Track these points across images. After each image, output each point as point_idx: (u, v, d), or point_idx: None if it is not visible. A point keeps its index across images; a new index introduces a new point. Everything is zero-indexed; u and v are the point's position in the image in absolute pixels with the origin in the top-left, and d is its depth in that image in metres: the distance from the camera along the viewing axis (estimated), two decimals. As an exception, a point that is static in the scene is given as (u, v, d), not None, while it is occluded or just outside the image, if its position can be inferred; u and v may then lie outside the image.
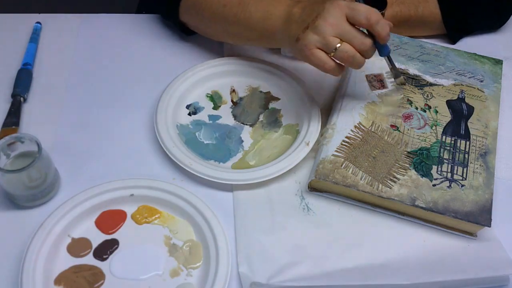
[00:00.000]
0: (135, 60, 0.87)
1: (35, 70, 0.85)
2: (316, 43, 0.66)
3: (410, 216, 0.69)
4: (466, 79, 0.82)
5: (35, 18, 0.92)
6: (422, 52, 0.86)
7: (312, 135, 0.75)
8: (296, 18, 0.69)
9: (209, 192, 0.72)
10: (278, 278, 0.63)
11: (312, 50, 0.67)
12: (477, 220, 0.66)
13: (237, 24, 0.77)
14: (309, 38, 0.66)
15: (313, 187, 0.72)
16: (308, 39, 0.67)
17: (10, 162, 0.67)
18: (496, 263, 0.66)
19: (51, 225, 0.65)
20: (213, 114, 0.80)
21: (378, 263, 0.66)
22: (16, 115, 0.77)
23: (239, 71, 0.84)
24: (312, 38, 0.66)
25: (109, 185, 0.69)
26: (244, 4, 0.76)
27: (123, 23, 0.93)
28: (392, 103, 0.78)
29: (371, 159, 0.71)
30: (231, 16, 0.77)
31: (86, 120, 0.79)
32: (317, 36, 0.66)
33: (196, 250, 0.66)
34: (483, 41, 0.94)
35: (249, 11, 0.75)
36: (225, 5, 0.77)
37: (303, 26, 0.67)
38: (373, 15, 0.66)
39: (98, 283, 0.63)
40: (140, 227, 0.68)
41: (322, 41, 0.66)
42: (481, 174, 0.71)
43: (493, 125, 0.76)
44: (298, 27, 0.68)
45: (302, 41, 0.67)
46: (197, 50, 0.89)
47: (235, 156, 0.75)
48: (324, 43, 0.66)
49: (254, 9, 0.75)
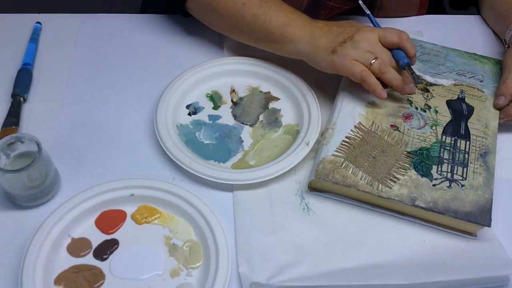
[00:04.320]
0: (135, 60, 0.87)
1: (35, 70, 0.85)
2: (355, 55, 0.73)
3: (410, 216, 0.69)
4: (466, 79, 0.82)
5: (35, 18, 0.92)
6: (422, 52, 0.86)
7: (312, 135, 0.75)
8: (324, 32, 0.76)
9: (209, 192, 0.72)
10: (278, 278, 0.63)
11: (352, 60, 0.73)
12: (477, 220, 0.66)
13: (253, 24, 0.79)
14: (348, 50, 0.73)
15: (313, 187, 0.72)
16: (347, 51, 0.73)
17: (10, 162, 0.67)
18: (496, 263, 0.66)
19: (51, 225, 0.65)
20: (213, 114, 0.80)
21: (378, 263, 0.66)
22: (16, 115, 0.77)
23: (239, 71, 0.84)
24: (351, 51, 0.73)
25: (109, 185, 0.69)
26: (265, 7, 0.78)
27: (123, 23, 0.93)
28: (392, 103, 0.78)
29: (371, 159, 0.71)
30: (249, 15, 0.78)
31: (86, 120, 0.79)
32: (356, 50, 0.73)
33: (196, 250, 0.66)
34: (483, 41, 0.95)
35: (270, 14, 0.78)
36: (244, 3, 0.79)
37: (337, 40, 0.74)
38: (403, 34, 0.75)
39: (98, 283, 0.63)
40: (140, 227, 0.68)
41: (360, 54, 0.73)
42: (481, 174, 0.71)
43: (493, 125, 0.76)
44: (330, 41, 0.75)
45: (341, 52, 0.73)
46: (197, 50, 0.89)
47: (235, 156, 0.75)
48: (362, 55, 0.73)
49: (275, 14, 0.78)
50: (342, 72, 0.75)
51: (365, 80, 0.73)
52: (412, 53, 0.76)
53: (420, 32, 0.93)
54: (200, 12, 0.86)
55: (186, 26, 0.92)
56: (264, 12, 0.78)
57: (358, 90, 0.78)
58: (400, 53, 0.75)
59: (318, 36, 0.76)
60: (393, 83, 0.74)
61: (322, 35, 0.76)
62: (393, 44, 0.75)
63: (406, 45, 0.75)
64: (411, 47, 0.76)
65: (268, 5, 0.78)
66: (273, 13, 0.78)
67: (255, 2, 0.78)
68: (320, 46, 0.75)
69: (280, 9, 0.78)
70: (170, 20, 0.94)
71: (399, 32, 0.75)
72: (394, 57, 0.76)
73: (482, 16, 0.99)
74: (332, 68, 0.75)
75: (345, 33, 0.75)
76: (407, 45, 0.75)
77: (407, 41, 0.75)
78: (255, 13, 0.78)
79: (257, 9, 0.78)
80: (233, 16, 0.80)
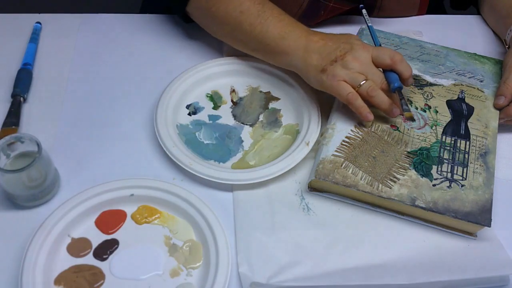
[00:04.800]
0: (135, 60, 0.87)
1: (35, 70, 0.85)
2: (344, 76, 0.72)
3: (410, 216, 0.69)
4: (466, 79, 0.82)
5: (35, 18, 0.92)
6: (422, 52, 0.86)
7: (312, 135, 0.75)
8: (318, 47, 0.74)
9: (209, 192, 0.72)
10: (278, 278, 0.63)
11: (340, 81, 0.72)
12: (477, 220, 0.66)
13: (249, 34, 0.78)
14: (337, 71, 0.72)
15: (313, 187, 0.72)
16: (336, 71, 0.72)
17: (10, 162, 0.67)
18: (496, 263, 0.66)
19: (51, 225, 0.65)
20: (213, 114, 0.80)
21: (378, 263, 0.66)
22: (16, 115, 0.77)
23: (239, 71, 0.84)
24: (341, 71, 0.72)
25: (109, 185, 0.69)
26: (262, 17, 0.77)
27: (123, 23, 0.93)
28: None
29: (371, 159, 0.71)
30: (246, 24, 0.78)
31: (86, 120, 0.79)
32: (346, 70, 0.72)
33: (196, 250, 0.66)
34: (483, 41, 0.95)
35: (267, 25, 0.77)
36: (242, 12, 0.78)
37: (329, 59, 0.73)
38: (397, 56, 0.73)
39: (98, 283, 0.63)
40: (140, 227, 0.68)
41: (349, 75, 0.72)
42: (481, 174, 0.71)
43: (493, 125, 0.76)
44: (322, 59, 0.73)
45: (330, 72, 0.72)
46: (197, 50, 0.89)
47: (235, 156, 0.75)
48: (351, 76, 0.72)
49: (272, 25, 0.77)
50: (330, 92, 0.74)
51: (351, 103, 0.72)
52: (406, 76, 0.73)
53: (420, 32, 0.93)
54: (200, 17, 0.86)
55: (186, 26, 0.92)
56: (261, 23, 0.77)
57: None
58: (392, 76, 0.73)
59: (311, 51, 0.74)
60: (381, 107, 0.73)
61: (316, 50, 0.74)
62: (386, 66, 0.74)
63: (399, 68, 0.73)
64: (405, 69, 0.73)
65: (265, 15, 0.77)
66: (270, 23, 0.77)
67: (253, 12, 0.78)
68: (311, 63, 0.74)
69: (278, 20, 0.77)
70: (170, 20, 0.94)
71: (393, 53, 0.73)
72: (386, 78, 0.73)
73: (482, 16, 0.99)
74: (321, 86, 0.75)
75: (338, 51, 0.73)
76: (400, 68, 0.73)
77: (401, 63, 0.73)
78: (252, 22, 0.78)
79: (255, 18, 0.78)
80: (231, 24, 0.80)
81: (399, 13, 0.97)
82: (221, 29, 0.83)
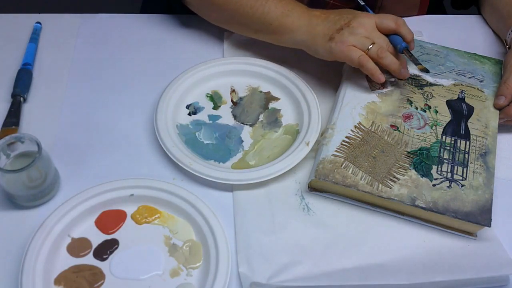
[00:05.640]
0: (135, 60, 0.87)
1: (35, 70, 0.85)
2: (353, 41, 0.74)
3: (410, 216, 0.69)
4: (466, 79, 0.82)
5: (35, 18, 0.92)
6: (422, 52, 0.86)
7: (312, 135, 0.75)
8: (321, 20, 0.77)
9: (209, 192, 0.72)
10: (278, 278, 0.63)
11: (349, 46, 0.74)
12: (477, 220, 0.66)
13: (251, 16, 0.80)
14: (345, 37, 0.74)
15: (313, 187, 0.72)
16: (344, 37, 0.74)
17: (10, 162, 0.67)
18: (496, 263, 0.66)
19: (51, 225, 0.65)
20: (213, 114, 0.80)
21: (378, 263, 0.66)
22: (16, 115, 0.77)
23: (239, 71, 0.84)
24: (349, 36, 0.74)
25: (109, 185, 0.69)
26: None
27: (123, 23, 0.93)
28: (392, 103, 0.78)
29: (371, 159, 0.71)
30: (247, 7, 0.79)
31: (86, 120, 0.79)
32: (353, 36, 0.74)
33: (196, 250, 0.66)
34: (483, 41, 0.95)
35: (268, 6, 0.79)
36: None
37: (335, 28, 0.75)
38: (400, 20, 0.77)
39: (98, 283, 0.63)
40: (140, 227, 0.68)
41: (358, 40, 0.74)
42: (481, 174, 0.71)
43: (493, 125, 0.76)
44: (328, 28, 0.76)
45: (338, 39, 0.74)
46: (197, 50, 0.89)
47: (235, 156, 0.75)
48: (359, 41, 0.74)
49: (273, 5, 0.79)
50: (340, 58, 0.75)
51: (363, 65, 0.74)
52: (409, 38, 0.77)
53: (420, 32, 0.93)
54: (198, 6, 0.86)
55: (186, 26, 0.92)
56: (262, 4, 0.79)
57: (359, 90, 0.78)
58: (397, 38, 0.77)
59: (316, 24, 0.77)
60: (391, 67, 0.75)
61: (320, 23, 0.77)
62: (390, 30, 0.77)
63: (402, 30, 0.76)
64: (408, 33, 0.77)
65: None
66: (271, 4, 0.79)
67: None
68: (318, 34, 0.76)
69: (278, 0, 0.79)
70: (170, 20, 0.94)
71: (396, 18, 0.77)
72: (391, 42, 0.77)
73: (483, 16, 0.99)
74: (330, 55, 0.76)
75: (342, 20, 0.76)
76: (403, 30, 0.76)
77: (404, 27, 0.76)
78: (252, 5, 0.79)
79: (255, 1, 0.79)
80: (231, 8, 0.81)
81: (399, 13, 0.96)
82: (221, 15, 0.84)
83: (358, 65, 0.74)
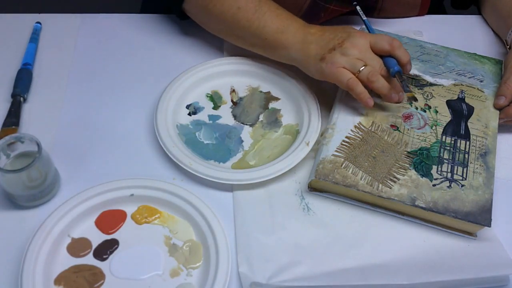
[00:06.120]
0: (135, 60, 0.87)
1: (35, 70, 0.85)
2: (343, 63, 0.72)
3: (410, 216, 0.69)
4: (466, 79, 0.82)
5: (35, 18, 0.92)
6: (422, 52, 0.86)
7: (312, 135, 0.75)
8: (315, 38, 0.75)
9: (209, 192, 0.72)
10: (278, 278, 0.63)
11: (339, 68, 0.72)
12: (477, 220, 0.66)
13: (247, 29, 0.79)
14: (337, 58, 0.72)
15: (313, 187, 0.72)
16: (335, 58, 0.72)
17: (10, 162, 0.67)
18: (496, 263, 0.66)
19: (51, 225, 0.65)
20: (213, 114, 0.80)
21: (378, 263, 0.66)
22: (16, 115, 0.77)
23: (239, 71, 0.84)
24: (340, 58, 0.72)
25: (109, 185, 0.69)
26: (260, 12, 0.78)
27: (123, 23, 0.93)
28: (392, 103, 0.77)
29: (371, 159, 0.71)
30: (244, 20, 0.78)
31: (86, 120, 0.79)
32: (345, 57, 0.72)
33: (196, 250, 0.66)
34: (483, 41, 0.95)
35: (264, 20, 0.77)
36: (239, 8, 0.78)
37: (327, 47, 0.74)
38: (395, 41, 0.74)
39: (98, 283, 0.63)
40: (140, 227, 0.68)
41: (349, 61, 0.72)
42: (481, 174, 0.71)
43: (493, 125, 0.76)
44: (320, 48, 0.74)
45: (329, 60, 0.73)
46: (197, 50, 0.89)
47: (235, 156, 0.75)
48: (350, 63, 0.72)
49: (270, 20, 0.77)
50: (330, 80, 0.74)
51: (351, 89, 0.72)
52: (404, 61, 0.74)
53: (420, 32, 0.93)
54: (197, 14, 0.86)
55: (186, 26, 0.92)
56: (258, 18, 0.78)
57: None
58: (391, 61, 0.74)
59: (309, 42, 0.75)
60: (381, 92, 0.73)
61: (314, 41, 0.75)
62: (385, 52, 0.74)
63: (398, 52, 0.74)
64: (404, 55, 0.74)
65: (262, 11, 0.78)
66: (267, 18, 0.77)
67: (250, 7, 0.78)
68: (311, 53, 0.75)
69: (275, 15, 0.78)
70: (170, 20, 0.94)
71: (391, 39, 0.74)
72: (385, 64, 0.74)
73: (483, 16, 0.99)
74: (321, 75, 0.75)
75: (336, 40, 0.74)
76: (398, 53, 0.74)
77: (399, 49, 0.74)
78: (249, 18, 0.78)
79: (252, 14, 0.78)
80: (228, 20, 0.80)
81: (400, 14, 0.96)
82: (218, 26, 0.84)
83: (346, 88, 0.73)
